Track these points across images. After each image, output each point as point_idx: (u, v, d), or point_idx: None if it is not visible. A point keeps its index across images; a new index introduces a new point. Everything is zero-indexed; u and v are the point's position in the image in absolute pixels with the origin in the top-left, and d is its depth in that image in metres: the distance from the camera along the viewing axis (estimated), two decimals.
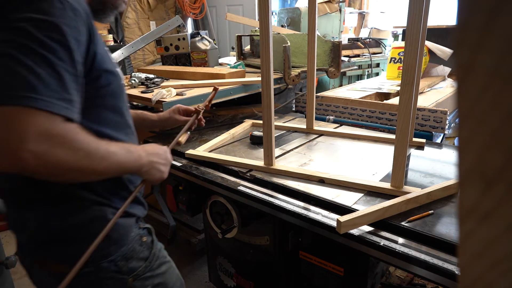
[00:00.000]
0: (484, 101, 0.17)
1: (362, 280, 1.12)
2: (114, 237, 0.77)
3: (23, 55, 0.55)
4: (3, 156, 0.53)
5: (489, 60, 0.17)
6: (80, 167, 0.61)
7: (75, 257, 0.68)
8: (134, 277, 0.82)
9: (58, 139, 0.57)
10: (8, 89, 0.54)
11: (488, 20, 0.16)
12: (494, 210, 0.19)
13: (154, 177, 0.81)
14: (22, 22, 0.56)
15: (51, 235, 0.74)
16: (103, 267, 0.77)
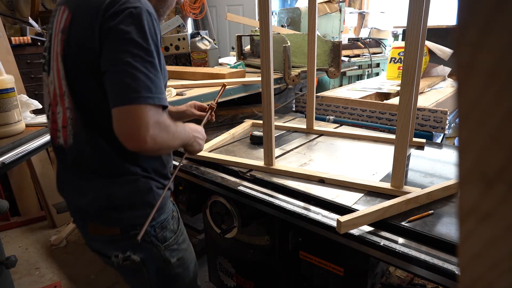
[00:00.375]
0: (484, 101, 0.17)
1: (362, 280, 1.12)
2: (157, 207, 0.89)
3: (137, 63, 0.71)
4: (134, 140, 0.71)
5: (489, 60, 0.17)
6: (170, 145, 0.81)
7: (124, 221, 0.86)
8: (165, 246, 0.95)
9: (163, 125, 0.75)
10: (133, 92, 0.70)
11: (488, 20, 0.16)
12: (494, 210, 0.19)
13: (195, 149, 1.00)
14: (131, 34, 0.71)
15: (106, 203, 0.86)
16: (146, 231, 0.88)
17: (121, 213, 0.87)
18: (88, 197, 0.86)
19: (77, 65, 0.79)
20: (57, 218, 2.54)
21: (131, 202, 0.87)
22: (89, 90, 0.79)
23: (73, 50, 0.78)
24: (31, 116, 1.52)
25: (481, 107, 0.18)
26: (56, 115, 0.85)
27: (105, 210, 0.87)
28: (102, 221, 0.89)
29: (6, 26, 2.49)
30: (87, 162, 0.85)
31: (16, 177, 2.52)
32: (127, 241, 0.89)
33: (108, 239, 0.90)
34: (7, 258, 1.22)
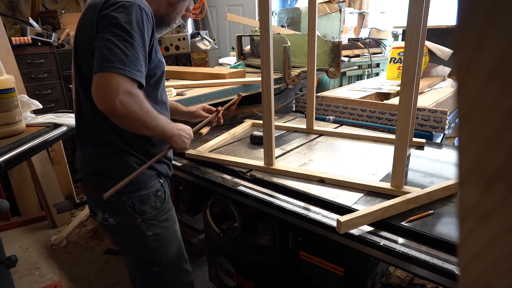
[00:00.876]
0: (484, 101, 0.17)
1: (362, 280, 1.12)
2: (134, 180, 0.98)
3: (118, 41, 0.84)
4: (104, 102, 0.83)
5: (489, 60, 0.17)
6: (141, 119, 0.89)
7: (104, 186, 0.93)
8: (142, 218, 1.05)
9: (134, 97, 0.85)
10: (108, 62, 0.82)
11: (488, 20, 0.16)
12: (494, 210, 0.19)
13: (179, 145, 1.08)
14: (118, 19, 0.85)
15: (90, 168, 1.03)
16: (122, 200, 1.02)
17: (101, 179, 1.01)
18: (80, 162, 1.05)
19: (82, 49, 0.95)
20: (58, 218, 2.54)
21: (111, 172, 1.01)
22: (89, 72, 0.90)
23: (80, 37, 0.96)
24: (32, 116, 1.52)
25: (481, 107, 0.18)
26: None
27: (90, 175, 1.03)
28: (89, 184, 1.05)
29: (7, 26, 2.49)
30: (84, 131, 1.02)
31: (17, 177, 2.52)
32: (107, 204, 1.03)
33: (95, 199, 1.06)
34: (8, 258, 1.22)
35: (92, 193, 1.05)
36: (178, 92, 1.55)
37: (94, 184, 1.03)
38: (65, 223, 2.57)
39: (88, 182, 1.05)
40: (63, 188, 2.60)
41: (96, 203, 1.06)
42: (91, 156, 1.02)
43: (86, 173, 1.04)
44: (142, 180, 1.04)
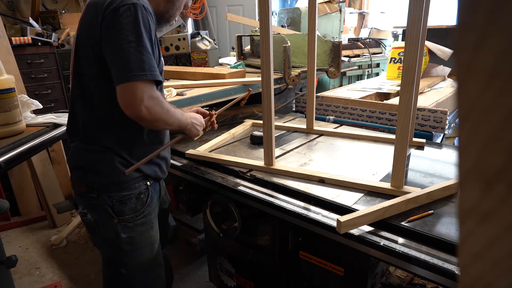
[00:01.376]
0: (484, 101, 0.17)
1: (362, 280, 1.12)
2: (116, 180, 1.02)
3: (131, 48, 0.86)
4: (132, 110, 0.88)
5: (489, 60, 0.17)
6: (164, 119, 0.95)
7: (86, 182, 1.02)
8: (119, 219, 1.05)
9: (156, 99, 0.91)
10: (129, 71, 0.86)
11: (488, 20, 0.16)
12: (494, 210, 0.19)
13: (192, 133, 1.15)
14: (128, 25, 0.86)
15: (75, 162, 1.05)
16: (103, 198, 1.03)
17: (84, 174, 1.03)
18: (69, 155, 1.08)
19: (83, 48, 0.95)
20: (58, 218, 2.54)
21: (93, 167, 1.02)
22: (88, 71, 0.95)
23: (81, 36, 0.95)
24: (32, 116, 1.52)
25: (481, 107, 0.18)
26: None
27: (75, 168, 1.06)
28: (74, 176, 1.06)
29: (7, 26, 2.49)
30: (75, 127, 1.04)
31: (17, 177, 2.52)
32: (86, 200, 1.05)
33: (78, 193, 1.07)
34: (8, 258, 1.22)
35: (76, 185, 1.07)
36: (178, 92, 1.55)
37: (77, 176, 1.05)
38: (65, 223, 2.57)
39: (73, 175, 1.07)
40: (63, 188, 2.60)
41: (79, 196, 1.08)
42: (78, 151, 1.04)
43: (71, 166, 1.07)
44: (125, 180, 1.04)
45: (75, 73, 0.99)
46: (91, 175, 1.02)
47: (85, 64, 0.95)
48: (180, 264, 2.09)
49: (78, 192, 1.07)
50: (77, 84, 0.99)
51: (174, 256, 2.14)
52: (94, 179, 1.02)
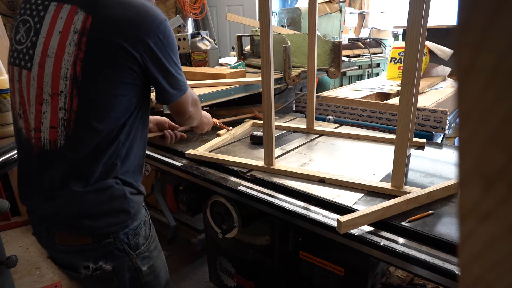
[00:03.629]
0: (485, 101, 0.17)
1: (363, 280, 1.12)
2: (131, 212, 0.90)
3: (176, 67, 0.91)
4: (183, 114, 1.01)
5: (490, 60, 0.17)
6: (198, 117, 1.12)
7: (97, 229, 0.85)
8: (137, 254, 0.94)
9: (196, 103, 1.06)
10: (181, 86, 0.94)
11: (488, 20, 0.16)
12: (495, 210, 0.19)
13: (201, 130, 1.34)
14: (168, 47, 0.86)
15: (78, 209, 0.84)
16: (120, 239, 0.89)
17: (95, 221, 0.85)
18: (58, 204, 0.84)
19: (98, 69, 0.80)
20: None
21: (105, 209, 0.86)
22: (97, 95, 0.80)
23: (99, 53, 0.79)
24: None
25: (481, 107, 0.18)
26: (38, 115, 0.81)
27: (77, 218, 0.84)
28: (73, 230, 0.86)
29: (7, 26, 2.49)
30: (70, 164, 0.83)
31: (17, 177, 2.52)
32: (99, 250, 0.87)
33: (78, 249, 0.87)
34: (8, 257, 1.22)
35: (75, 241, 0.87)
36: None
37: (81, 227, 0.85)
38: None
39: (70, 229, 0.87)
40: None
41: (80, 253, 0.87)
42: (77, 195, 0.83)
43: (68, 218, 0.85)
44: (137, 209, 0.93)
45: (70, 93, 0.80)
46: (107, 218, 0.86)
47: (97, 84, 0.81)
48: (180, 264, 2.09)
49: (80, 249, 0.87)
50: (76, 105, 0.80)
51: (174, 256, 2.14)
52: (109, 222, 0.86)
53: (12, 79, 0.85)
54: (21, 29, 0.83)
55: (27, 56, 0.81)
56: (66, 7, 0.79)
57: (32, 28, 0.81)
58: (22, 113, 0.85)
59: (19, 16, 0.84)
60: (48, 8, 0.81)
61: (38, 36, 0.80)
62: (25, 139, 0.86)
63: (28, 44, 0.81)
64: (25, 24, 0.82)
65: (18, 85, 0.84)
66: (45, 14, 0.80)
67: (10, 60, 0.85)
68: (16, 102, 0.86)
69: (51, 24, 0.80)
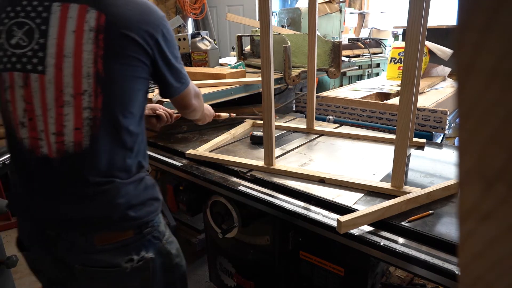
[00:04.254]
0: (485, 101, 0.17)
1: (362, 280, 1.12)
2: (160, 199, 0.95)
3: (177, 63, 0.93)
4: (187, 107, 1.06)
5: (490, 60, 0.17)
6: (202, 110, 1.21)
7: (139, 220, 0.87)
8: (165, 239, 0.98)
9: (198, 96, 1.10)
10: (184, 79, 0.97)
11: (488, 20, 0.16)
12: (494, 210, 0.19)
13: (203, 121, 1.40)
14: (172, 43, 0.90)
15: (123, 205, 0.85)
16: (155, 227, 0.93)
17: (136, 213, 0.86)
18: (98, 207, 0.83)
19: (118, 65, 0.80)
20: None
21: (144, 199, 0.89)
22: (119, 90, 0.81)
23: (117, 49, 0.79)
24: None
25: (481, 107, 0.18)
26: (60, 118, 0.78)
27: (121, 214, 0.84)
28: (115, 227, 0.85)
29: None
30: (101, 165, 0.82)
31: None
32: (140, 241, 0.89)
33: (119, 245, 0.86)
34: (8, 257, 1.22)
35: (117, 237, 0.86)
36: None
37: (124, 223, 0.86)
38: None
39: (111, 226, 0.85)
40: None
41: (121, 248, 0.87)
42: (119, 191, 0.84)
43: (120, 212, 0.85)
44: (159, 195, 0.96)
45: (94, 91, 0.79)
46: (145, 208, 0.88)
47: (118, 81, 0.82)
48: None
49: (121, 244, 0.86)
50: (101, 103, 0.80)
51: None
52: (148, 211, 0.89)
53: (11, 85, 0.78)
54: (16, 32, 0.78)
55: (35, 59, 0.77)
56: (74, 6, 0.77)
57: (35, 30, 0.77)
58: (28, 121, 0.79)
59: (7, 20, 0.78)
60: (51, 9, 0.77)
61: (47, 37, 0.77)
62: (27, 150, 0.80)
63: (34, 46, 0.77)
64: (22, 26, 0.77)
65: (23, 91, 0.78)
66: (49, 15, 0.77)
67: (6, 66, 0.78)
68: (17, 110, 0.79)
69: (60, 24, 0.77)
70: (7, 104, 0.80)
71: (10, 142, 0.84)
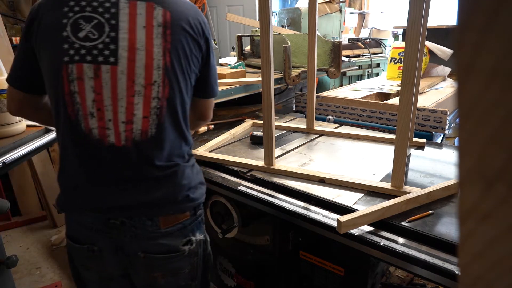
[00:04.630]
0: (485, 101, 0.17)
1: (362, 280, 1.12)
2: (205, 184, 1.01)
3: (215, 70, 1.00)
4: (207, 116, 1.06)
5: (490, 60, 0.17)
6: None
7: (196, 201, 0.93)
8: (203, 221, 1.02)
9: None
10: (217, 86, 1.03)
11: (488, 20, 0.16)
12: (494, 210, 0.19)
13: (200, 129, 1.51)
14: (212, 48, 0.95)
15: (186, 187, 0.91)
16: (202, 209, 0.99)
17: (194, 194, 0.93)
18: (165, 189, 0.88)
19: (181, 59, 0.87)
20: (58, 218, 2.54)
21: (197, 182, 0.96)
22: (180, 82, 0.88)
23: (180, 44, 0.86)
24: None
25: (481, 107, 0.18)
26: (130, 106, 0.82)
27: (184, 195, 0.90)
28: (178, 208, 0.90)
29: (7, 27, 2.49)
30: (165, 151, 0.87)
31: (17, 177, 2.52)
32: (194, 223, 0.95)
33: (179, 227, 0.91)
34: (8, 257, 1.22)
35: (178, 219, 0.91)
36: None
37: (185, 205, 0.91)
38: None
39: (174, 208, 0.90)
40: None
41: (181, 230, 0.92)
42: (182, 175, 0.90)
43: (177, 198, 0.89)
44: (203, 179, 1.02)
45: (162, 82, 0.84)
46: (199, 190, 0.95)
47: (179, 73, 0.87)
48: None
49: (181, 227, 0.91)
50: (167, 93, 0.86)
51: None
52: (200, 193, 0.96)
53: (80, 77, 0.79)
54: (84, 26, 0.80)
55: (106, 51, 0.80)
56: (141, 4, 0.82)
57: (105, 24, 0.80)
58: (97, 111, 0.81)
59: (72, 14, 0.80)
60: (119, 5, 0.81)
61: (117, 31, 0.80)
62: (96, 139, 0.82)
63: (105, 39, 0.80)
64: (90, 20, 0.80)
65: (93, 82, 0.80)
66: (118, 11, 0.81)
67: (73, 58, 0.79)
68: (86, 100, 0.80)
69: (130, 20, 0.81)
70: (74, 95, 0.80)
71: (73, 133, 0.83)
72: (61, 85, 0.80)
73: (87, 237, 0.89)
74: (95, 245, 0.89)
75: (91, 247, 0.89)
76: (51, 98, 0.84)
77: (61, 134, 0.85)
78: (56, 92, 0.81)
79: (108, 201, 0.86)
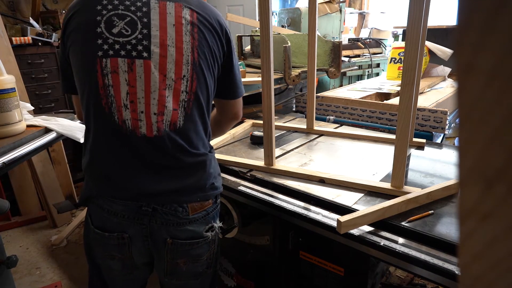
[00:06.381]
0: (485, 101, 0.17)
1: (362, 280, 1.12)
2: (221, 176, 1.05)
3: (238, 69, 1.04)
4: (237, 116, 1.11)
5: (490, 60, 0.17)
6: None
7: (217, 189, 0.98)
8: None
9: None
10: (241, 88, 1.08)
11: (488, 20, 0.16)
12: (495, 210, 0.19)
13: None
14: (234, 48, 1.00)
15: (211, 175, 0.96)
16: (219, 199, 1.02)
17: (217, 182, 0.98)
18: (195, 177, 0.92)
19: (207, 56, 0.92)
20: (58, 218, 2.54)
21: (218, 172, 1.01)
22: (205, 77, 0.92)
23: (205, 42, 0.91)
24: (31, 117, 1.52)
25: (481, 107, 0.18)
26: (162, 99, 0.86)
27: (210, 182, 0.95)
28: (204, 196, 0.94)
29: (7, 27, 2.49)
30: (192, 142, 0.91)
31: (17, 177, 2.52)
32: (214, 210, 0.99)
33: (203, 214, 0.95)
34: (8, 257, 1.22)
35: (203, 206, 0.95)
36: None
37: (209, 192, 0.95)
38: (66, 223, 2.57)
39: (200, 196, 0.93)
40: (63, 188, 2.60)
41: (204, 217, 0.95)
42: (207, 164, 0.94)
43: (204, 185, 0.94)
44: None
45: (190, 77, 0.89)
46: (218, 179, 1.00)
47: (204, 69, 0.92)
48: None
49: (204, 214, 0.95)
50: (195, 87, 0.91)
51: None
52: (220, 182, 1.01)
53: (115, 70, 0.84)
54: (117, 22, 0.85)
55: (139, 46, 0.84)
56: (170, 4, 0.88)
57: (138, 22, 0.85)
58: (130, 103, 0.85)
59: (105, 11, 0.85)
60: (150, 5, 0.87)
61: (150, 28, 0.85)
62: (130, 130, 0.86)
63: (138, 36, 0.85)
64: (123, 18, 0.85)
65: (127, 75, 0.84)
66: (150, 10, 0.86)
67: (107, 53, 0.83)
68: (120, 93, 0.84)
69: (161, 18, 0.86)
70: (108, 88, 0.84)
71: (106, 125, 0.86)
72: (94, 78, 0.83)
73: (118, 225, 0.91)
74: (125, 232, 0.91)
75: (120, 235, 0.91)
76: (82, 92, 0.87)
77: (92, 126, 0.88)
78: (89, 86, 0.85)
79: (141, 188, 0.89)
